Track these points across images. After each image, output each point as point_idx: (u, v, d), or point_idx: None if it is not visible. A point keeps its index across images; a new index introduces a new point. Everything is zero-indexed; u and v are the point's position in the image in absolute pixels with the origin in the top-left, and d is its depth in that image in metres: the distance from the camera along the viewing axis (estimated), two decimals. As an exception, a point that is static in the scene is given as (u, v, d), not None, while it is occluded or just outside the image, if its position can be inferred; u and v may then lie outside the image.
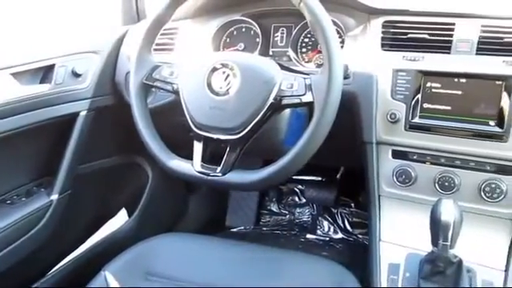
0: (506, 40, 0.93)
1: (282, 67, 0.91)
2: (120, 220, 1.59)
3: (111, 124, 1.38)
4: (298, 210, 1.99)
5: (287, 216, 1.99)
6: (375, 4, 1.04)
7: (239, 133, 0.88)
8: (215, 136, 0.90)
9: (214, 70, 0.89)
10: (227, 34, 1.28)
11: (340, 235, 1.86)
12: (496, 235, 0.99)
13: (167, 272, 0.99)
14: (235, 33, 1.27)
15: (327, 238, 1.87)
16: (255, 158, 1.30)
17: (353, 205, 1.88)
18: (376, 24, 1.05)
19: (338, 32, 1.13)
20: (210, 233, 1.85)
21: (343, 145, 1.20)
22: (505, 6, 0.97)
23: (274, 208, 2.02)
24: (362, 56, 1.06)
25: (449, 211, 0.83)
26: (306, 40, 1.20)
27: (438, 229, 0.84)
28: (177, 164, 0.94)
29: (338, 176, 1.84)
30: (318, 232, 1.91)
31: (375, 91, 1.02)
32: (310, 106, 0.85)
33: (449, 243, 0.84)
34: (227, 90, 0.88)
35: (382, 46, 1.03)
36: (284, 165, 0.84)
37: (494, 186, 0.96)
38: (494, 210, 0.98)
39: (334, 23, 1.10)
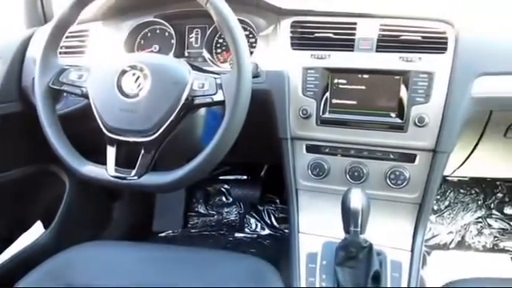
0: (402, 38, 1.00)
1: (194, 67, 0.92)
2: (35, 233, 1.50)
3: (20, 131, 1.31)
4: (225, 209, 2.00)
5: (215, 216, 2.00)
6: (283, 5, 1.08)
7: (152, 134, 0.87)
8: (128, 139, 0.89)
9: (124, 72, 0.88)
10: (141, 36, 1.26)
11: (267, 231, 1.90)
12: (402, 219, 1.07)
13: (89, 282, 0.95)
14: (149, 34, 1.26)
15: (255, 235, 1.90)
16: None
17: (278, 201, 1.93)
18: (285, 24, 1.09)
19: (251, 32, 1.16)
20: (137, 239, 1.81)
21: (262, 142, 1.23)
22: (401, 6, 1.05)
23: (202, 209, 2.02)
24: (273, 55, 1.09)
25: (357, 199, 0.89)
26: (221, 41, 1.21)
27: (348, 216, 0.89)
28: (90, 170, 0.92)
29: (261, 173, 1.88)
30: (246, 230, 1.93)
31: (287, 89, 1.06)
32: (222, 104, 0.87)
33: (359, 229, 0.89)
34: (138, 91, 0.87)
35: (292, 45, 1.07)
36: (198, 164, 0.85)
37: (398, 173, 1.03)
38: (400, 196, 1.06)
39: (246, 23, 1.13)
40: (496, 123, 1.04)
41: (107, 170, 0.90)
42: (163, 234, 1.95)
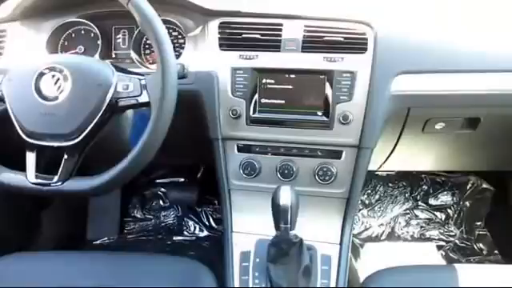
0: (325, 39, 1.04)
1: (118, 69, 0.89)
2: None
3: None
4: (162, 213, 1.97)
5: (152, 220, 1.96)
6: (210, 6, 1.08)
7: (75, 138, 0.84)
8: (49, 144, 0.86)
9: (42, 74, 0.85)
10: (65, 37, 1.21)
11: (206, 233, 1.90)
12: (331, 213, 1.11)
13: None
14: (74, 35, 1.21)
15: (194, 238, 1.89)
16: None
17: (216, 202, 1.93)
18: (213, 25, 1.09)
19: (180, 33, 1.15)
20: (70, 248, 1.73)
21: (195, 143, 1.23)
22: (324, 8, 1.09)
23: (139, 214, 1.97)
24: (202, 56, 1.09)
25: (286, 196, 0.90)
26: (150, 41, 1.19)
27: (278, 214, 0.91)
28: (8, 177, 0.87)
29: (198, 175, 1.87)
30: (185, 233, 1.91)
31: (217, 89, 1.06)
32: (148, 106, 0.85)
33: (289, 225, 0.91)
34: (58, 94, 0.84)
35: (220, 46, 1.08)
36: (124, 167, 0.83)
37: (325, 169, 1.07)
38: (328, 191, 1.10)
39: (174, 24, 1.12)
40: (414, 119, 1.10)
41: (27, 177, 0.86)
42: (98, 242, 1.88)
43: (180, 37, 1.16)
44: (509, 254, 1.73)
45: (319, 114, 1.04)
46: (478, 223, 1.87)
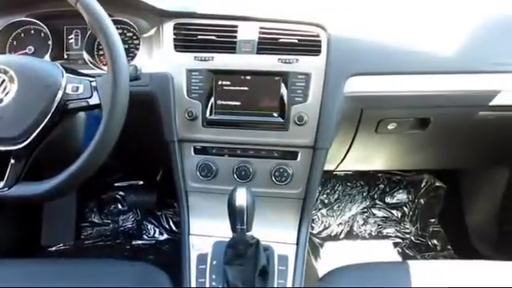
0: (280, 41, 1.04)
1: (68, 70, 0.87)
2: None
3: None
4: (121, 217, 1.93)
5: (110, 225, 1.92)
6: (164, 7, 1.07)
7: (22, 142, 0.82)
8: (-6, 148, 0.82)
9: None
10: (13, 37, 1.17)
11: (166, 236, 1.87)
12: (288, 214, 1.12)
13: None
14: (23, 35, 1.17)
15: (153, 241, 1.86)
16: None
17: (176, 205, 1.90)
18: (168, 26, 1.08)
19: (134, 34, 1.13)
20: (23, 255, 1.67)
21: (152, 145, 1.21)
22: (280, 10, 1.10)
23: (96, 219, 1.92)
24: (157, 57, 1.08)
25: (242, 198, 0.91)
26: (101, 42, 1.17)
27: (234, 215, 0.91)
28: None
29: (157, 178, 1.84)
30: (144, 237, 1.88)
31: (172, 91, 1.05)
32: (99, 108, 0.83)
33: (245, 227, 0.91)
34: (3, 96, 0.81)
35: (175, 47, 1.07)
36: (75, 171, 0.81)
37: (282, 170, 1.08)
38: (284, 192, 1.11)
39: (129, 25, 1.10)
40: (367, 120, 1.13)
41: None
42: (53, 249, 1.82)
43: (135, 38, 1.14)
44: (461, 250, 1.81)
45: (275, 115, 1.05)
46: (432, 220, 1.93)
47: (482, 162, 1.58)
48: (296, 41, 1.04)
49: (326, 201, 1.95)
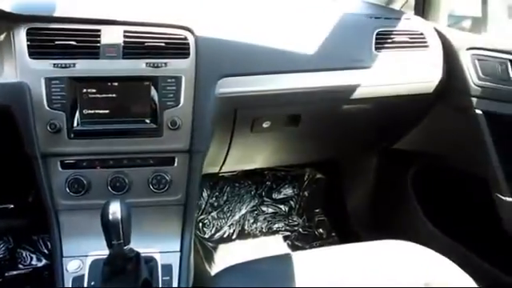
0: (146, 44, 1.01)
1: None
2: None
3: None
4: (-9, 247, 1.72)
5: (-22, 258, 1.70)
6: (12, 9, 0.97)
7: None
8: None
9: None
10: None
11: (44, 262, 1.71)
12: (169, 221, 1.09)
13: None
14: None
15: (31, 269, 1.69)
16: None
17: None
18: (20, 31, 0.98)
19: (-20, 41, 1.01)
20: None
21: (15, 164, 1.10)
22: (145, 13, 1.06)
23: (-41, 254, 1.69)
24: (9, 66, 0.97)
25: (115, 211, 0.85)
26: None
27: (108, 230, 0.86)
28: None
29: (29, 199, 1.68)
30: (20, 266, 1.70)
31: (29, 102, 0.96)
32: None
33: (122, 241, 0.86)
34: None
35: (30, 54, 0.98)
36: None
37: (159, 177, 1.05)
38: (164, 199, 1.07)
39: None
40: (242, 120, 1.15)
41: None
42: None
43: None
44: (344, 235, 1.93)
45: (147, 121, 1.02)
46: (317, 210, 2.04)
47: (353, 151, 1.71)
48: (163, 44, 1.02)
49: (216, 204, 1.95)
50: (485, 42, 1.23)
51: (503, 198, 1.19)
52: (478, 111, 1.20)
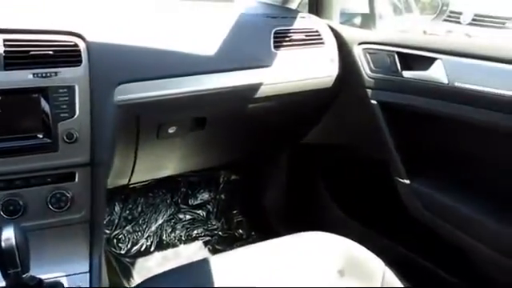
0: (32, 53, 0.93)
1: None
2: None
3: None
4: None
5: None
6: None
7: None
8: None
9: None
10: None
11: None
12: (75, 241, 1.02)
13: None
14: None
15: None
16: None
17: None
18: None
19: None
20: None
21: None
22: (28, 19, 0.98)
23: None
24: None
25: (8, 237, 0.77)
26: None
27: (3, 258, 0.78)
28: None
29: None
30: None
31: None
32: None
33: (19, 269, 0.78)
34: None
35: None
36: None
37: (59, 195, 0.97)
38: (67, 218, 1.00)
39: None
40: (146, 127, 1.11)
41: None
42: None
43: None
44: (263, 233, 1.95)
45: (40, 136, 0.94)
46: (235, 212, 2.04)
47: (263, 149, 1.73)
48: (51, 52, 0.94)
49: (130, 217, 1.87)
50: (374, 37, 1.31)
51: (401, 180, 1.27)
52: (373, 101, 1.28)
